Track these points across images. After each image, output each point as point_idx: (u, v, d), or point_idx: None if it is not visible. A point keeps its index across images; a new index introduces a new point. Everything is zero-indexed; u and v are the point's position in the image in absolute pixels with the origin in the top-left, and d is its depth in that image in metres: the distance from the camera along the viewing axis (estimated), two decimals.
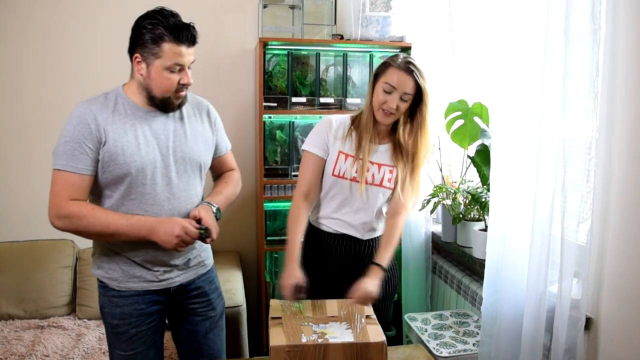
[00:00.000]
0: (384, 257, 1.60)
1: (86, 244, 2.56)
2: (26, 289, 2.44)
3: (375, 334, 1.33)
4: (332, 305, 1.47)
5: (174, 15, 1.41)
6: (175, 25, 1.38)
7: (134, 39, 1.42)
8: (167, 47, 1.38)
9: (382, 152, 1.68)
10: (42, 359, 2.08)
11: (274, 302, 1.48)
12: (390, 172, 1.66)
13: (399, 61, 1.59)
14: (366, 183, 1.64)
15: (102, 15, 2.60)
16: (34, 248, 2.53)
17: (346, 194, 1.66)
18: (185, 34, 1.39)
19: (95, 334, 2.29)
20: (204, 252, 1.63)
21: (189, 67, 1.45)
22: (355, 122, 1.69)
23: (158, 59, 1.39)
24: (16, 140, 2.60)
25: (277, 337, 1.31)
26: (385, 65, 1.60)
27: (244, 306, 2.29)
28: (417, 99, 1.61)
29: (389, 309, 1.86)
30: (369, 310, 1.45)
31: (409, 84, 1.57)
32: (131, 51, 1.43)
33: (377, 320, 1.41)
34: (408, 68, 1.57)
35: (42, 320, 2.41)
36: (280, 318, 1.40)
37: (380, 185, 1.65)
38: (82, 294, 2.49)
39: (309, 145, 1.68)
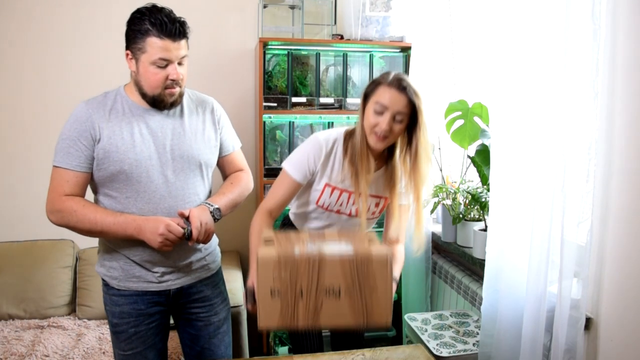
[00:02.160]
0: (397, 272, 1.54)
1: (86, 244, 2.57)
2: (26, 289, 2.44)
3: (379, 249, 1.17)
4: (332, 234, 1.32)
5: (161, 10, 1.39)
6: (161, 20, 1.36)
7: (126, 36, 1.43)
8: (152, 41, 1.37)
9: (375, 180, 1.54)
10: (42, 359, 2.08)
11: (266, 231, 1.35)
12: (376, 205, 1.57)
13: (389, 78, 1.44)
14: (349, 215, 1.57)
15: (101, 15, 2.60)
16: (34, 248, 2.53)
17: (330, 220, 1.61)
18: (170, 27, 1.37)
19: (95, 334, 2.29)
20: (208, 255, 1.61)
21: (180, 63, 1.42)
22: (348, 146, 1.53)
23: (144, 54, 1.39)
24: (16, 141, 2.60)
25: (266, 250, 1.14)
26: (374, 84, 1.46)
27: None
28: (413, 120, 1.45)
29: None
30: (372, 236, 1.29)
31: (401, 102, 1.41)
32: (126, 49, 1.44)
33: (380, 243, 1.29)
34: (400, 85, 1.41)
35: (42, 320, 2.41)
36: (272, 241, 1.22)
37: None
38: (82, 294, 2.49)
39: (290, 167, 1.53)
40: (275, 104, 2.48)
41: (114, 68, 2.58)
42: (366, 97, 1.47)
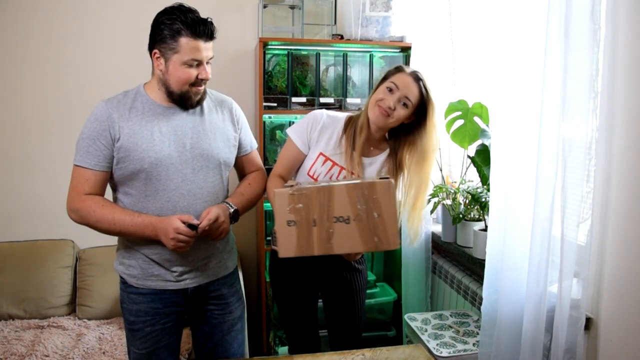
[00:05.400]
0: None
1: (86, 244, 2.57)
2: (26, 289, 2.44)
3: (381, 178, 1.29)
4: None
5: (191, 10, 1.42)
6: (193, 20, 1.39)
7: (153, 35, 1.44)
8: (185, 41, 1.39)
9: (367, 165, 1.62)
10: (42, 359, 2.08)
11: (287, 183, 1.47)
12: None
13: (410, 70, 1.59)
14: None
15: (104, 16, 2.60)
16: (34, 248, 2.53)
17: None
18: (202, 28, 1.40)
19: (95, 334, 2.29)
20: (226, 254, 1.62)
21: (208, 63, 1.46)
22: (349, 126, 1.63)
23: (176, 53, 1.40)
24: (17, 141, 2.60)
25: (281, 188, 1.28)
26: (396, 69, 1.60)
27: (244, 306, 2.28)
28: (420, 116, 1.57)
29: (363, 303, 1.85)
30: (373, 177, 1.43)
31: (412, 90, 1.55)
32: (151, 47, 1.45)
33: None
34: (416, 76, 1.57)
35: (42, 320, 2.41)
36: (292, 185, 1.36)
37: None
38: (82, 294, 2.49)
39: (292, 133, 1.65)
40: (275, 104, 2.48)
41: (115, 68, 2.59)
42: (385, 78, 1.60)
